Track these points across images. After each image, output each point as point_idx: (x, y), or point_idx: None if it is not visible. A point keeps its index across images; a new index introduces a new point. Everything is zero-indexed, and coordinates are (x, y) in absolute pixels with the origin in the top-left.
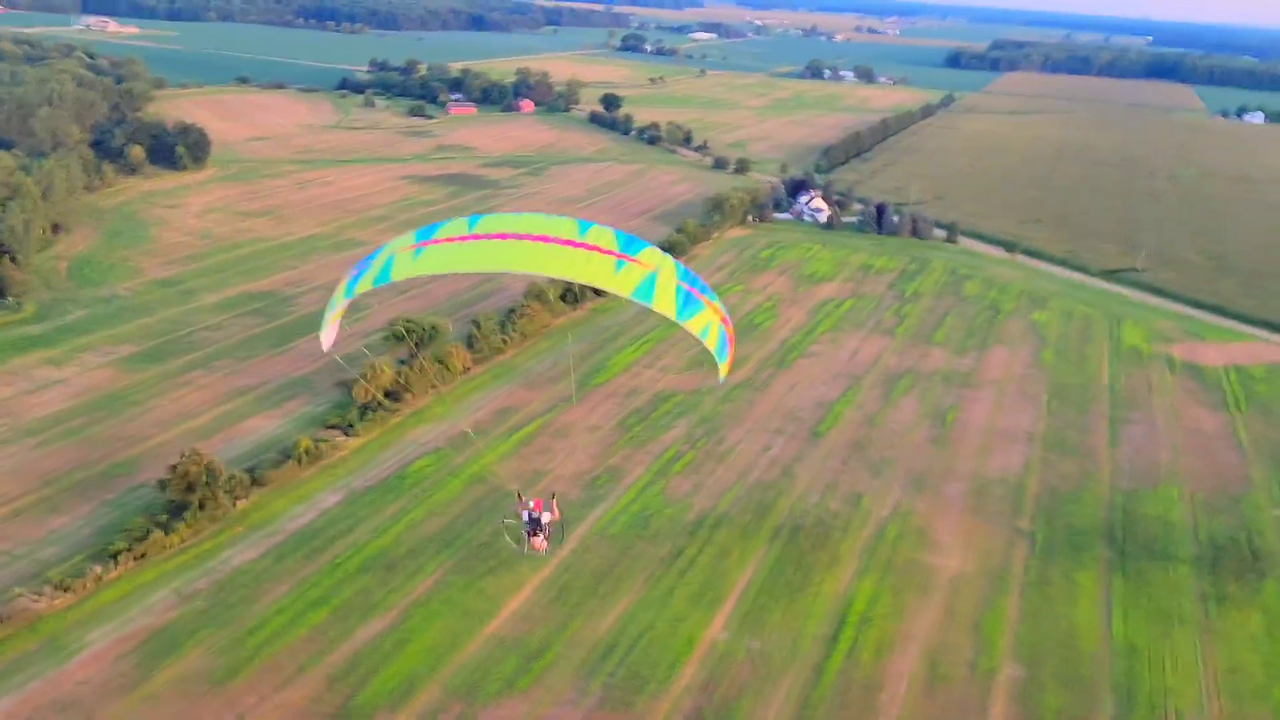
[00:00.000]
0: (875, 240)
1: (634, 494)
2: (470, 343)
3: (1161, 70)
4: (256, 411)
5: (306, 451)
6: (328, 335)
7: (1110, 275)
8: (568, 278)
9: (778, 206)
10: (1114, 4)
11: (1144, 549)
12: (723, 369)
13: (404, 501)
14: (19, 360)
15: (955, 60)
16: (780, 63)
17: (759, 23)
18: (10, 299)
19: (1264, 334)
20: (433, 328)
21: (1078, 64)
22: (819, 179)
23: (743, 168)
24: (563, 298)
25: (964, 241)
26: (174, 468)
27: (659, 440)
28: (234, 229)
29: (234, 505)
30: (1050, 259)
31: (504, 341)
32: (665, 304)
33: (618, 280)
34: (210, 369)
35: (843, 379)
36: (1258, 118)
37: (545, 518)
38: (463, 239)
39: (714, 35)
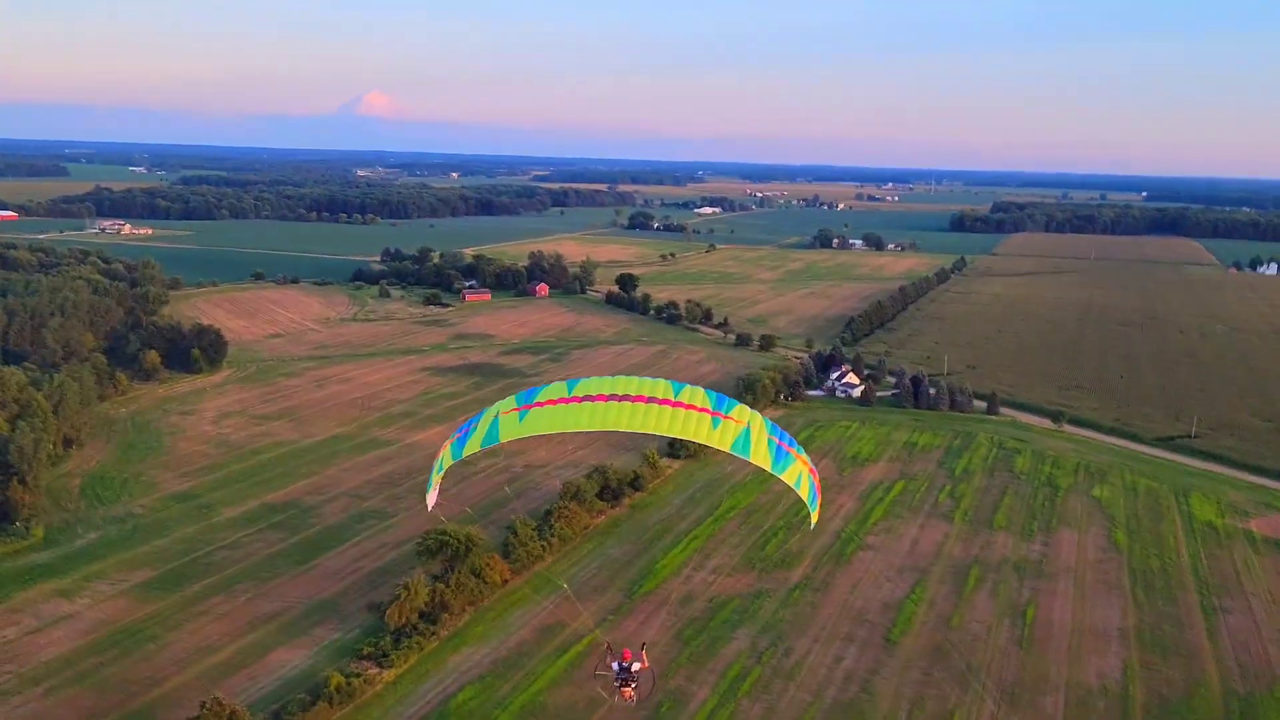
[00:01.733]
0: (914, 415)
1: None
2: (507, 551)
3: (1164, 225)
4: (281, 642)
5: (338, 689)
6: (432, 497)
7: (1165, 443)
8: (671, 435)
9: (808, 383)
10: (1106, 163)
11: None
12: (814, 517)
13: None
14: (26, 594)
15: (960, 223)
16: (787, 234)
17: (761, 195)
18: (19, 523)
19: None
20: (468, 539)
21: (1081, 223)
22: (847, 352)
23: (767, 344)
24: (600, 495)
25: (1005, 412)
26: None
27: (720, 655)
28: (251, 434)
29: None
30: (1098, 428)
31: (543, 548)
32: (761, 457)
33: (716, 436)
34: (231, 594)
35: (908, 573)
36: (1272, 269)
37: (635, 666)
38: (565, 401)
39: (718, 210)
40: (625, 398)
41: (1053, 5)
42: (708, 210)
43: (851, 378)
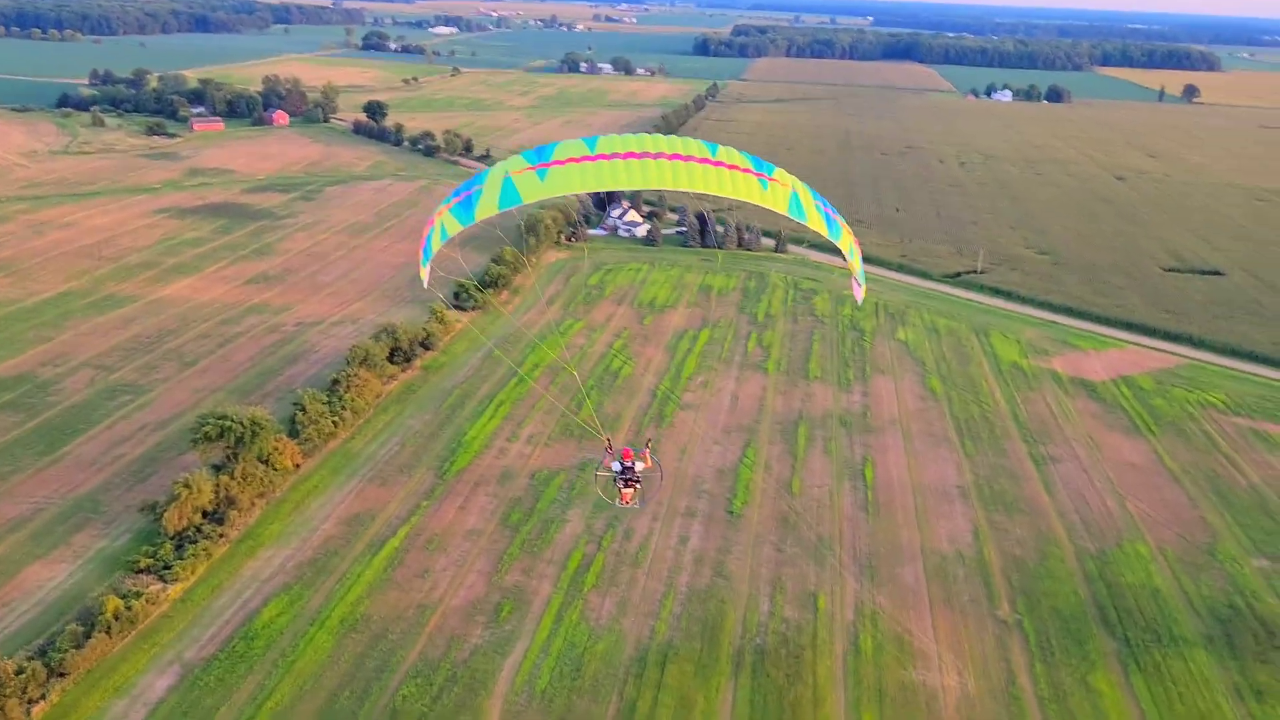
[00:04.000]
0: (702, 254)
1: (549, 625)
2: (294, 430)
3: (898, 51)
4: (35, 554)
5: (115, 615)
6: (426, 273)
7: (953, 279)
8: (720, 194)
9: (588, 222)
10: None
11: (1147, 632)
12: (862, 292)
13: (260, 675)
14: None
15: (704, 48)
16: (532, 57)
17: (497, 14)
18: None
19: (1129, 337)
20: (253, 421)
21: (821, 48)
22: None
23: None
24: (390, 357)
25: (792, 250)
26: None
27: (555, 542)
28: None
29: (29, 718)
30: (887, 265)
31: (335, 424)
32: (816, 222)
33: (770, 198)
34: None
35: (735, 434)
36: (1006, 95)
37: (639, 467)
38: (590, 159)
39: (455, 30)
40: (660, 155)
41: None
42: (444, 30)
43: (634, 215)
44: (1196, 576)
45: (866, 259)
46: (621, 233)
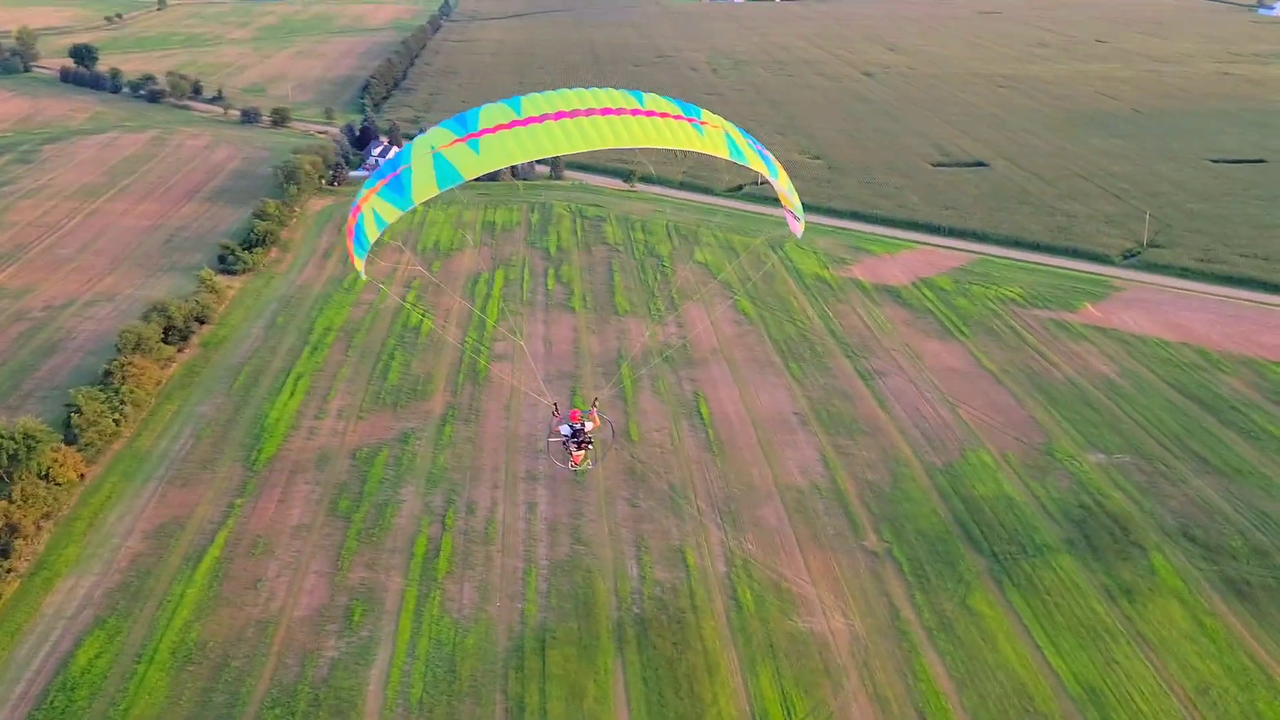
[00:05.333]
0: (478, 188)
1: (409, 624)
2: (72, 436)
3: None
4: None
5: None
6: (362, 264)
7: (736, 193)
8: (660, 146)
9: (347, 163)
10: None
11: (1011, 544)
12: (801, 226)
13: None
14: None
15: None
16: None
17: None
18: None
19: (917, 237)
20: (25, 435)
21: None
22: (378, 122)
23: (281, 119)
24: (165, 338)
25: (569, 175)
26: None
27: (395, 527)
28: None
29: None
30: (669, 183)
31: (117, 422)
32: (756, 162)
33: (706, 143)
34: None
35: (557, 382)
36: None
37: (588, 427)
38: (520, 123)
39: None
40: (591, 111)
41: None
42: None
43: (395, 152)
44: (1043, 479)
45: (646, 179)
46: None
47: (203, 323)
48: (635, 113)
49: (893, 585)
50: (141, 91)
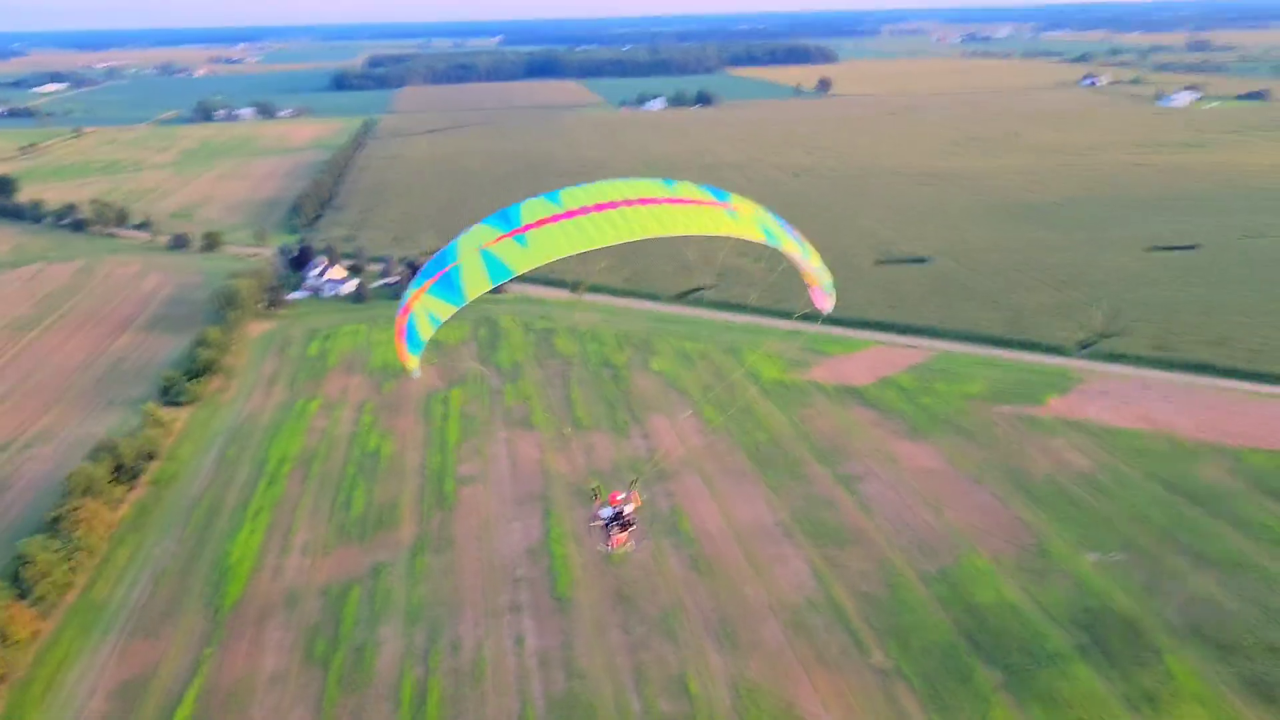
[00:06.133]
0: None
1: None
2: (23, 591)
3: (539, 69)
4: None
5: None
6: (416, 363)
7: (683, 299)
8: (698, 233)
9: (286, 284)
10: (457, 8)
11: (1022, 654)
12: (831, 303)
13: None
14: None
15: (342, 82)
16: (159, 108)
17: (105, 65)
18: None
19: (870, 336)
20: None
21: (463, 72)
22: (315, 242)
23: (212, 244)
24: (114, 478)
25: (510, 288)
26: None
27: (378, 671)
28: None
29: None
30: (614, 291)
31: (70, 571)
32: (790, 245)
33: (740, 227)
34: None
35: (528, 505)
36: (659, 104)
37: (628, 508)
38: (563, 216)
39: (65, 85)
40: (629, 202)
41: None
42: (52, 87)
43: (336, 272)
44: (1042, 583)
45: (595, 288)
46: (326, 293)
47: (151, 459)
48: (670, 201)
49: (908, 705)
50: (65, 221)
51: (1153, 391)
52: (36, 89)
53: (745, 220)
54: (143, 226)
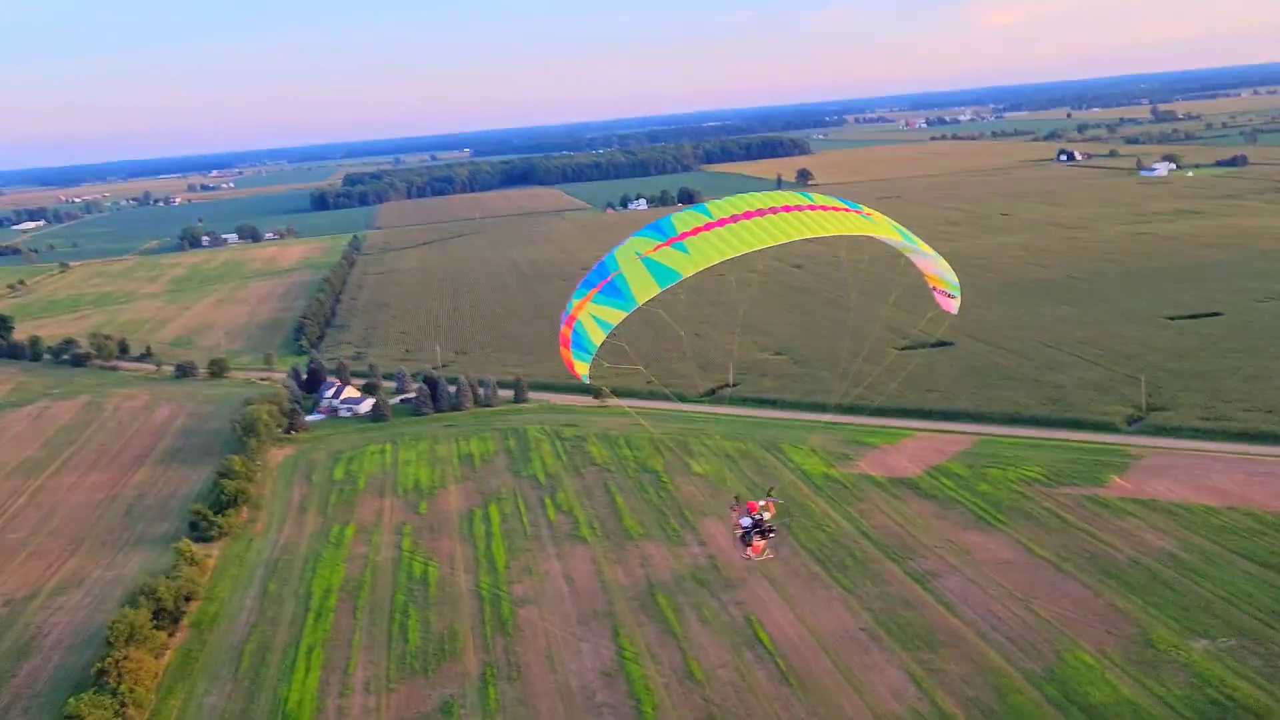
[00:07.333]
0: (442, 421)
1: None
2: None
3: (516, 177)
4: None
5: None
6: (585, 368)
7: (710, 397)
8: (842, 234)
9: (300, 408)
10: (424, 124)
11: None
12: (956, 304)
13: None
14: None
15: (322, 202)
16: (142, 238)
17: (82, 199)
18: None
19: (911, 424)
20: None
21: (442, 184)
22: (324, 363)
23: (219, 370)
24: (155, 621)
25: (533, 397)
26: None
27: None
28: None
29: None
30: (637, 394)
31: None
32: (923, 244)
33: (878, 228)
34: None
35: (593, 623)
36: (642, 204)
37: (766, 516)
38: (716, 225)
39: (42, 223)
40: (774, 209)
41: None
42: (30, 225)
43: (351, 392)
44: (1157, 677)
45: (620, 392)
46: (343, 413)
47: (189, 599)
48: (811, 208)
49: None
50: (64, 356)
51: (1214, 463)
52: (16, 227)
53: (881, 223)
54: (144, 358)
